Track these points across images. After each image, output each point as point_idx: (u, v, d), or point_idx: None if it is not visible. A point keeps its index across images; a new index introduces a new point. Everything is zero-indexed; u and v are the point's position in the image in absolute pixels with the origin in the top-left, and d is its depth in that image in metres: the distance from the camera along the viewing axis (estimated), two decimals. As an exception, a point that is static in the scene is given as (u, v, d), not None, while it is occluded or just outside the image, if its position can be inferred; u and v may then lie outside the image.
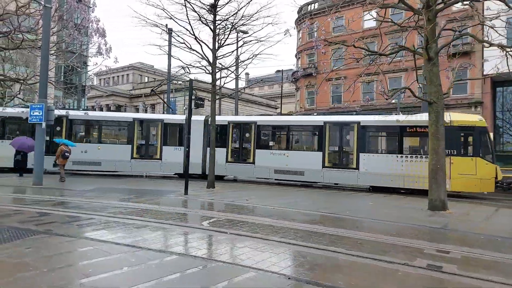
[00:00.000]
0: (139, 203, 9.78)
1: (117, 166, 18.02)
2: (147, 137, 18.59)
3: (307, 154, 16.84)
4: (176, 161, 17.70)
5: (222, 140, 17.73)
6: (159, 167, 17.84)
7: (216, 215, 8.24)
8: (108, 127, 19.64)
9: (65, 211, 8.20)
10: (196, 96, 12.31)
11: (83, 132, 19.57)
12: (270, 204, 10.25)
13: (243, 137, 17.78)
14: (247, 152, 17.58)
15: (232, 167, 17.55)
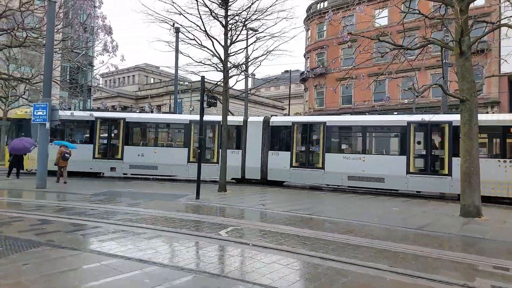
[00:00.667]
0: (148, 208, 9.11)
1: (173, 170, 16.96)
2: (203, 139, 16.95)
3: (387, 158, 15.01)
4: (233, 165, 16.08)
5: (285, 142, 16.45)
6: (216, 172, 16.09)
7: (233, 223, 7.53)
8: (164, 129, 18.62)
9: (69, 218, 7.54)
10: (208, 94, 11.53)
11: (140, 134, 18.64)
12: (288, 210, 9.52)
13: (310, 139, 16.23)
14: (315, 156, 15.92)
15: (298, 173, 15.88)
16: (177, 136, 18.54)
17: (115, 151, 17.52)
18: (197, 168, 11.22)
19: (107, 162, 17.47)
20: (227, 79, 13.44)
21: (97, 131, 17.64)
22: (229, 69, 13.60)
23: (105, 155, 17.58)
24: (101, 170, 17.86)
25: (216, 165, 16.35)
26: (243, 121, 17.03)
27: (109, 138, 17.65)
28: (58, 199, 10.13)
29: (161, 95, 59.24)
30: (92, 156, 17.37)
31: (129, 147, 17.43)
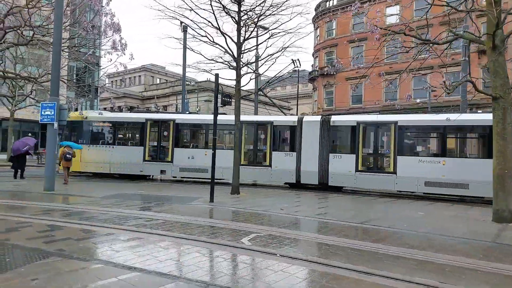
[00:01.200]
0: (162, 212, 8.63)
1: (224, 173, 15.73)
2: (255, 141, 16.63)
3: (472, 162, 13.45)
4: (287, 168, 15.38)
5: (348, 144, 15.21)
6: (268, 175, 15.73)
7: (255, 229, 7.02)
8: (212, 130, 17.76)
9: (80, 223, 7.08)
10: (222, 93, 11.02)
11: (190, 136, 18.10)
12: (308, 215, 9.01)
13: (378, 140, 14.95)
14: (385, 159, 14.61)
15: (364, 178, 14.38)
16: (228, 138, 17.71)
17: (165, 153, 17.06)
18: (211, 169, 10.73)
19: (157, 165, 16.94)
20: (240, 77, 12.95)
21: (147, 133, 17.22)
22: (242, 66, 13.11)
23: (155, 157, 17.15)
24: (152, 173, 17.39)
25: (269, 168, 15.66)
26: (297, 121, 15.77)
27: (159, 140, 17.20)
28: (67, 203, 9.69)
29: (167, 96, 58.95)
30: (143, 158, 17.02)
31: (179, 149, 16.86)
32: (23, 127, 34.55)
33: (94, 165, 17.63)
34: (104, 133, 18.43)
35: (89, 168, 17.86)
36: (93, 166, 17.73)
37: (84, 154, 17.47)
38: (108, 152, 17.52)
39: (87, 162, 17.61)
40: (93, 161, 17.53)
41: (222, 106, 10.78)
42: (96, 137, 18.23)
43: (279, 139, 16.40)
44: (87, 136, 17.98)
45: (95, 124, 18.37)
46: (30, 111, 29.54)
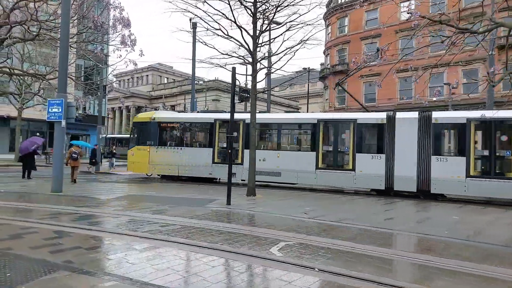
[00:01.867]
0: (176, 216, 7.98)
1: (299, 177, 14.72)
2: (335, 142, 14.76)
3: None
4: (373, 173, 13.49)
5: (457, 145, 13.37)
6: (352, 180, 13.93)
7: (282, 236, 6.33)
8: (288, 130, 16.37)
9: (89, 229, 6.45)
10: (240, 87, 10.31)
11: (261, 137, 16.73)
12: (337, 219, 8.30)
13: (498, 141, 12.71)
14: (505, 162, 12.47)
15: (479, 184, 12.23)
16: (303, 139, 16.22)
17: (234, 155, 15.94)
18: (228, 169, 10.06)
19: (226, 168, 15.60)
20: (256, 72, 12.26)
21: (216, 133, 16.38)
22: (258, 61, 12.43)
23: (225, 159, 15.96)
24: (221, 175, 16.27)
25: (352, 172, 13.84)
26: (386, 118, 13.84)
27: (229, 141, 16.06)
28: (75, 205, 9.08)
29: (175, 95, 58.55)
30: (212, 160, 16.22)
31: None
32: (31, 126, 34.26)
33: (162, 167, 17.06)
34: (171, 134, 17.79)
35: (157, 170, 17.34)
36: (161, 168, 17.17)
37: (152, 156, 17.03)
38: (176, 154, 16.75)
39: (155, 164, 17.09)
40: (161, 163, 16.98)
41: (239, 102, 10.09)
42: (163, 138, 17.56)
43: (364, 139, 14.47)
44: (155, 137, 17.33)
45: (163, 125, 17.62)
46: (37, 109, 29.19)
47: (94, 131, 40.35)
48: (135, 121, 19.07)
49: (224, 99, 53.28)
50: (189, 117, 17.76)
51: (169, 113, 19.31)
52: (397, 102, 31.55)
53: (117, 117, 67.33)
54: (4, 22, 13.37)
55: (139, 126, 18.23)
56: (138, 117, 19.43)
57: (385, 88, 32.68)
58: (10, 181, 14.60)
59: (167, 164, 16.81)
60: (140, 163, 17.41)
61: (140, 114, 18.91)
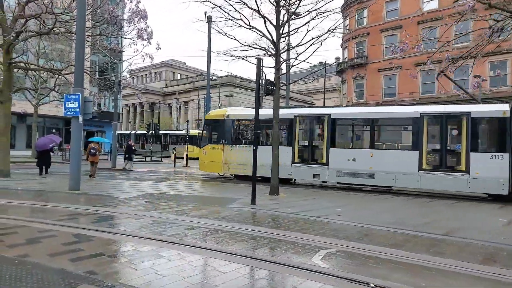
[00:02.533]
0: (201, 217, 7.46)
1: (398, 180, 13.09)
2: (443, 139, 12.98)
3: None
4: (493, 175, 11.60)
5: None
6: (465, 184, 12.06)
7: (320, 242, 5.73)
8: (381, 126, 14.44)
9: (110, 232, 5.97)
10: (266, 80, 9.62)
11: (350, 134, 15.08)
12: (376, 222, 7.65)
13: None
14: None
15: None
16: (403, 135, 14.58)
17: (318, 154, 14.73)
18: (253, 168, 9.48)
19: (309, 168, 14.59)
20: (279, 64, 11.63)
21: (296, 130, 15.03)
22: (282, 52, 11.79)
23: (306, 159, 14.83)
24: (302, 176, 15.04)
25: (465, 175, 12.01)
26: (510, 111, 11.74)
27: (311, 139, 14.91)
28: (94, 204, 8.66)
29: (188, 91, 58.29)
30: (291, 160, 14.90)
31: (336, 150, 14.23)
32: (47, 123, 34.36)
33: (237, 167, 16.07)
34: (247, 132, 16.78)
35: (231, 170, 16.41)
36: (235, 168, 16.19)
37: (227, 155, 16.14)
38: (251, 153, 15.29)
39: (230, 164, 16.21)
40: (235, 162, 16.05)
41: (264, 95, 9.48)
42: (238, 136, 16.67)
43: (481, 136, 12.65)
44: (229, 135, 16.47)
45: (237, 122, 16.67)
46: (53, 105, 29.16)
47: (110, 127, 40.37)
48: (207, 119, 18.05)
49: (238, 95, 52.78)
50: (266, 114, 15.79)
51: (243, 109, 18.15)
52: (419, 96, 30.47)
53: (131, 113, 67.57)
54: (20, 15, 13.04)
55: (211, 123, 17.26)
56: (210, 114, 18.29)
57: (406, 82, 31.63)
58: (27, 178, 14.36)
59: (242, 164, 15.65)
60: (213, 162, 16.51)
61: (212, 111, 17.88)
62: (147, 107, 63.04)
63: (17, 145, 31.70)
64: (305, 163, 14.77)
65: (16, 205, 8.42)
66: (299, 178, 15.41)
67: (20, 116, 31.02)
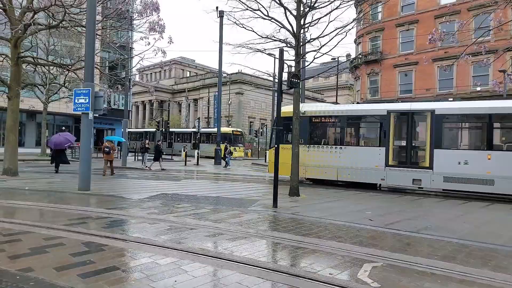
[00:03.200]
0: (221, 222, 6.81)
1: None
2: None
3: None
4: None
5: None
6: None
7: (360, 253, 5.04)
8: (503, 123, 12.41)
9: (124, 240, 5.36)
10: (290, 72, 8.94)
11: (459, 132, 13.44)
12: (413, 228, 6.93)
13: None
14: None
15: None
16: None
17: (419, 156, 13.01)
18: (275, 169, 8.82)
19: (408, 172, 12.81)
20: (300, 57, 10.93)
21: (391, 129, 13.26)
22: (303, 44, 11.08)
23: (404, 162, 13.06)
24: (397, 182, 13.33)
25: None
26: None
27: (409, 138, 13.09)
28: (105, 207, 8.08)
29: (197, 89, 57.82)
30: (385, 163, 13.16)
31: (442, 151, 12.38)
32: (57, 120, 34.13)
33: (316, 170, 14.51)
34: (327, 131, 15.14)
35: (308, 173, 14.75)
36: (314, 171, 14.59)
37: (303, 156, 14.06)
38: (334, 154, 14.09)
39: (306, 166, 14.49)
40: (314, 165, 14.47)
41: (288, 89, 8.79)
42: (316, 135, 15.06)
43: None
44: (305, 134, 14.68)
45: (316, 120, 14.96)
46: (63, 102, 28.85)
47: (119, 125, 40.04)
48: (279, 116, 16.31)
49: (248, 92, 52.15)
50: (351, 109, 14.50)
51: (321, 105, 16.29)
52: (436, 93, 29.46)
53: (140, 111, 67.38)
54: (28, 7, 12.54)
55: (283, 121, 15.07)
56: (282, 111, 16.02)
57: (422, 78, 30.63)
58: (35, 177, 13.94)
59: (322, 166, 14.22)
60: (287, 164, 14.61)
61: (284, 107, 16.28)
62: (157, 105, 62.76)
63: (27, 142, 31.51)
64: (402, 166, 12.98)
65: (22, 207, 7.88)
66: (394, 183, 13.67)
67: (29, 113, 30.82)
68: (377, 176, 13.31)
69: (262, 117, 54.48)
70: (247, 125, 51.02)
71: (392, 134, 13.26)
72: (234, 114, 51.72)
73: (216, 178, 16.74)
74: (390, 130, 13.23)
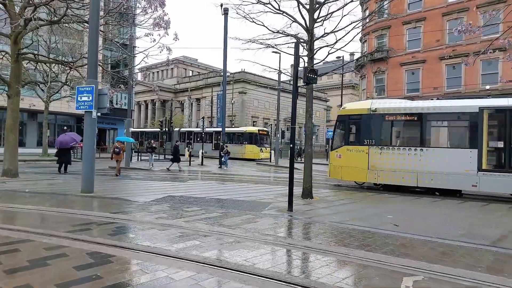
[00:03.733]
0: (235, 228, 6.30)
1: None
2: None
3: None
4: None
5: None
6: None
7: (397, 266, 4.53)
8: None
9: (133, 249, 4.86)
10: (307, 68, 8.37)
11: None
12: (443, 234, 6.42)
13: None
14: None
15: None
16: None
17: None
18: (289, 171, 8.30)
19: (508, 178, 11.13)
20: (313, 53, 10.42)
21: (484, 128, 11.68)
22: (316, 39, 10.57)
23: (502, 166, 11.50)
24: (494, 189, 11.64)
25: None
26: None
27: (509, 139, 11.43)
28: (110, 210, 7.59)
29: (200, 88, 57.36)
30: (477, 167, 11.50)
31: None
32: (58, 120, 33.68)
33: (390, 175, 12.80)
34: (404, 130, 13.64)
35: (381, 178, 13.01)
36: (388, 176, 12.85)
37: (374, 159, 13.00)
38: (414, 157, 12.45)
39: (379, 171, 12.96)
40: (388, 169, 12.82)
41: (304, 85, 8.28)
42: (391, 135, 13.43)
43: None
44: (377, 134, 13.22)
45: (390, 118, 13.20)
46: (64, 101, 28.40)
47: (122, 125, 39.57)
48: (342, 114, 14.41)
49: (251, 92, 51.65)
50: (435, 106, 12.75)
51: (394, 101, 14.40)
52: (444, 91, 28.88)
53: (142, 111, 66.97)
54: (28, 2, 12.06)
55: (348, 120, 13.91)
56: (347, 108, 14.63)
57: (430, 76, 30.05)
58: (36, 179, 13.48)
59: (399, 171, 12.60)
60: (353, 168, 13.36)
61: (349, 104, 14.67)
62: (159, 105, 62.33)
63: (28, 142, 31.08)
64: (500, 171, 11.35)
65: (22, 212, 7.39)
66: (489, 190, 11.89)
67: (30, 113, 30.39)
68: (467, 182, 11.60)
69: (265, 116, 53.97)
70: (250, 124, 50.50)
71: (486, 134, 11.68)
72: (237, 113, 51.24)
73: (222, 179, 16.25)
74: (484, 130, 11.65)
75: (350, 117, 13.87)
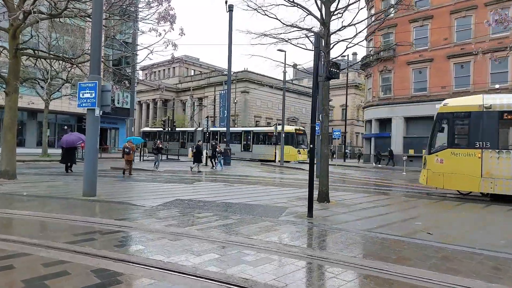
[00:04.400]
0: (256, 237, 5.69)
1: None
2: None
3: None
4: None
5: None
6: None
7: (445, 284, 3.93)
8: None
9: (145, 265, 4.24)
10: (329, 61, 7.79)
11: None
12: (486, 244, 5.80)
13: None
14: None
15: None
16: None
17: None
18: (309, 173, 7.68)
19: None
20: (329, 47, 9.81)
21: None
22: (332, 33, 9.96)
23: None
24: None
25: None
26: None
27: None
28: (115, 217, 6.98)
29: (202, 87, 56.77)
30: None
31: None
32: (59, 119, 33.08)
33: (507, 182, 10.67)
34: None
35: (500, 188, 10.82)
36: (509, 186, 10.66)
37: (490, 165, 10.89)
38: None
39: (496, 179, 10.81)
40: (509, 177, 10.68)
41: (325, 80, 7.67)
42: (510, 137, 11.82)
43: None
44: (493, 135, 11.00)
45: (509, 117, 11.09)
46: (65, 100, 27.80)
47: (123, 124, 38.99)
48: (443, 112, 12.12)
49: (254, 91, 51.09)
50: None
51: None
52: (452, 91, 28.27)
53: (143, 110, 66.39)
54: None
55: (453, 118, 11.89)
56: (449, 105, 12.22)
57: (437, 75, 29.42)
58: (35, 180, 12.88)
59: None
60: (460, 175, 11.32)
61: (453, 100, 12.62)
62: (161, 104, 61.76)
63: (27, 142, 30.50)
64: None
65: (18, 219, 6.80)
66: None
67: (30, 112, 29.78)
68: None
69: (268, 116, 53.39)
70: (253, 124, 49.90)
71: None
72: (240, 113, 50.68)
73: (228, 180, 15.63)
74: None
75: (455, 114, 11.84)
